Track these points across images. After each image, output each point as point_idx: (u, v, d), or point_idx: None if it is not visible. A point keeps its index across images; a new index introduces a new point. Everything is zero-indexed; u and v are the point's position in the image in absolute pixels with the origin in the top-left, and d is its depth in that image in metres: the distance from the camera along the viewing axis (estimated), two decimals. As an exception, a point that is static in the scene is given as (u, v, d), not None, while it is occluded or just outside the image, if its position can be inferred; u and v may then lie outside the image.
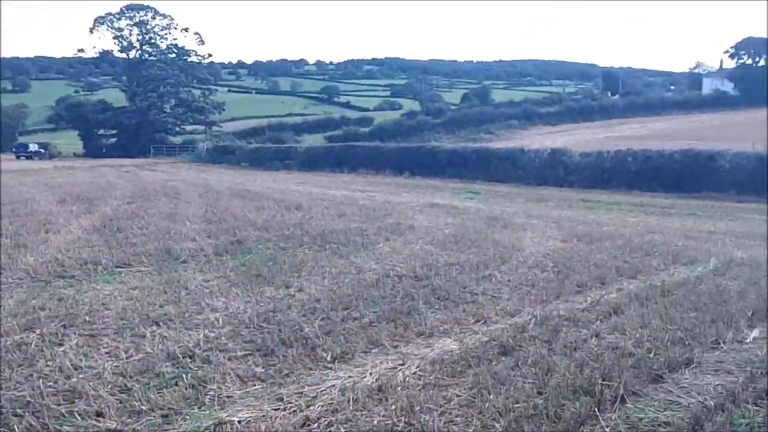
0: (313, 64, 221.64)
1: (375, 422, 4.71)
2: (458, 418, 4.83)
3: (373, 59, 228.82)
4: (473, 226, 14.78)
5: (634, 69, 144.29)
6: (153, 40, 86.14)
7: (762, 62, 78.85)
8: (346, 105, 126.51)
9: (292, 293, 8.16)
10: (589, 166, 32.41)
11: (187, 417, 4.77)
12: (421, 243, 12.04)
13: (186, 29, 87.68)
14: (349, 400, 5.04)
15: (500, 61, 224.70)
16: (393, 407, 4.91)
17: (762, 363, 5.95)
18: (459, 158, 37.98)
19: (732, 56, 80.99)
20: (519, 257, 10.87)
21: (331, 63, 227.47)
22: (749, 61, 79.37)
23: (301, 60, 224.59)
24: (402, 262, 10.13)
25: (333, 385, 5.32)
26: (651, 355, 6.06)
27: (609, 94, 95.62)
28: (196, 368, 5.61)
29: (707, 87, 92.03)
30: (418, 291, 8.32)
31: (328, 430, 4.64)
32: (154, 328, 6.66)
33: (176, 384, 5.28)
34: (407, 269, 9.59)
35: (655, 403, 5.14)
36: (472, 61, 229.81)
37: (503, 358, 5.98)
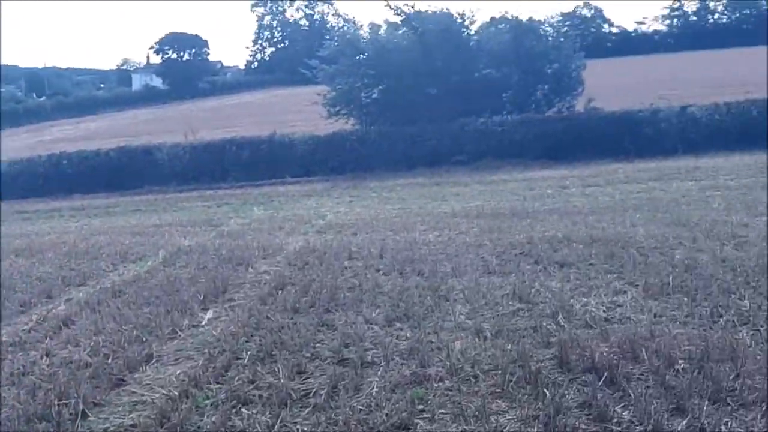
0: None
1: None
2: None
3: None
4: None
5: (61, 69, 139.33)
6: None
7: (186, 56, 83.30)
8: None
9: None
10: (21, 174, 30.35)
11: None
12: None
13: None
14: None
15: None
16: None
17: (218, 342, 6.21)
18: None
19: (157, 52, 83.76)
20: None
21: None
22: (174, 56, 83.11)
23: None
24: None
25: None
26: (109, 361, 5.90)
27: (35, 96, 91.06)
28: None
29: (137, 83, 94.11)
30: None
31: None
32: None
33: None
34: None
35: (120, 409, 5.02)
36: None
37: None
